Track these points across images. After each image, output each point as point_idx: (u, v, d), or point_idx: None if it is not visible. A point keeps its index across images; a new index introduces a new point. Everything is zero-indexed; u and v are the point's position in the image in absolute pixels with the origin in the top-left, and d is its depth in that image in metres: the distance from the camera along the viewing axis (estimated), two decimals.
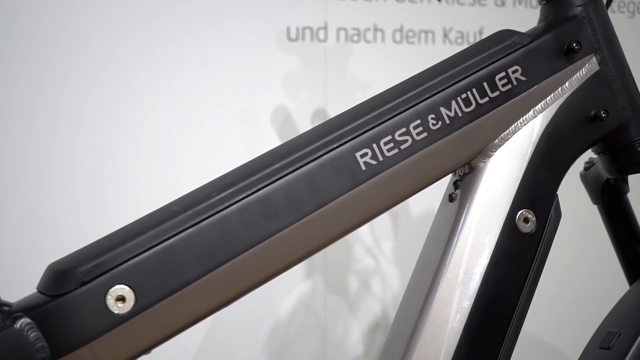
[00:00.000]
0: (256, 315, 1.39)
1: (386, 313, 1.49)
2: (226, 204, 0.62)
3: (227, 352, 1.36)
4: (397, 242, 1.50)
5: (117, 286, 0.58)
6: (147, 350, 0.60)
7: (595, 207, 0.95)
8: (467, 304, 0.70)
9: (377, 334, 1.49)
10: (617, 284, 0.99)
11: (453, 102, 0.70)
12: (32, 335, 0.55)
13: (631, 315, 0.81)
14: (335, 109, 0.70)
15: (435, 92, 0.70)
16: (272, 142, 1.29)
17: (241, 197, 0.63)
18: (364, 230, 1.48)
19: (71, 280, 0.57)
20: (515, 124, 0.73)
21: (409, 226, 1.50)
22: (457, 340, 0.69)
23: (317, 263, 1.43)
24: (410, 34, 1.57)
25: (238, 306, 1.36)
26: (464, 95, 0.71)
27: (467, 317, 0.69)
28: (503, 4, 1.67)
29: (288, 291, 1.42)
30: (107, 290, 0.58)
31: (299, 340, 1.43)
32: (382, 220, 1.50)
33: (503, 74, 0.72)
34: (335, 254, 1.45)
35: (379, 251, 1.49)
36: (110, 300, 0.58)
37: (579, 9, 0.76)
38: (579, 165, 0.91)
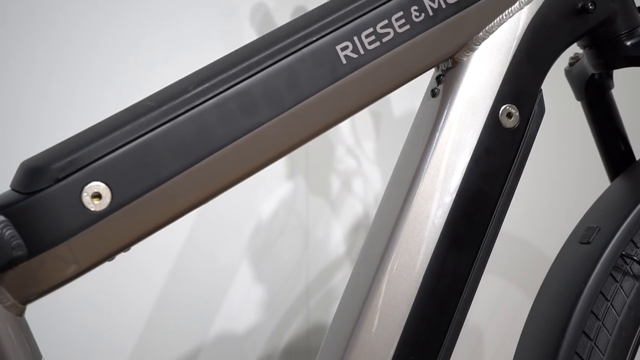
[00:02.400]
0: (238, 216, 1.39)
1: (368, 213, 1.50)
2: (203, 99, 0.60)
3: (208, 253, 1.37)
4: (378, 142, 1.49)
5: (93, 183, 0.57)
6: (125, 247, 0.60)
7: (579, 103, 0.94)
8: (448, 199, 0.69)
9: (358, 234, 1.50)
10: (598, 181, 0.99)
11: None
12: (7, 233, 0.54)
13: (611, 211, 0.81)
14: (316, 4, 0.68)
15: None
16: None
17: (218, 91, 0.61)
18: (345, 130, 1.47)
19: (45, 177, 0.56)
20: (501, 16, 0.72)
21: (391, 126, 1.49)
22: (438, 236, 0.69)
23: (299, 164, 1.43)
24: None
25: (219, 208, 1.37)
26: None
27: (448, 212, 0.69)
28: None
29: (269, 192, 1.41)
30: (83, 187, 0.57)
31: (281, 241, 1.43)
32: (364, 121, 1.49)
33: None
34: (316, 155, 1.44)
35: (360, 152, 1.48)
36: (86, 198, 0.57)
37: None
38: (563, 61, 0.90)
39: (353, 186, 1.49)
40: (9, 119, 1.19)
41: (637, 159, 0.91)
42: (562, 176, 1.71)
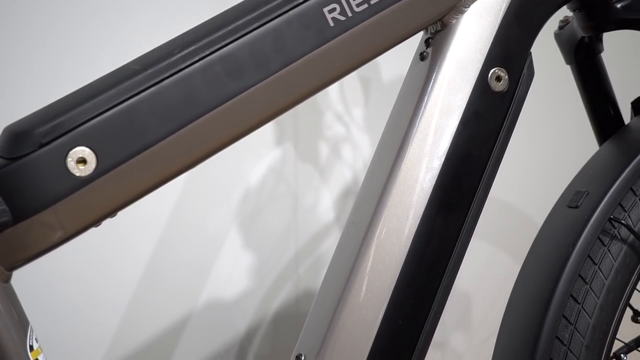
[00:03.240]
0: (226, 183, 1.39)
1: (357, 179, 1.50)
2: (188, 62, 0.60)
3: (197, 220, 1.37)
4: (367, 109, 1.49)
5: (78, 148, 0.57)
6: (112, 212, 0.59)
7: (568, 67, 0.94)
8: (437, 163, 0.69)
9: (347, 200, 1.50)
10: (587, 145, 0.99)
11: None
12: None
13: (600, 175, 0.81)
14: None
15: None
16: None
17: (204, 54, 0.60)
18: (334, 97, 1.46)
19: (29, 142, 0.55)
20: None
21: (380, 92, 1.48)
22: (427, 200, 0.69)
23: (288, 131, 1.42)
24: None
25: (208, 175, 1.36)
26: None
27: (437, 176, 0.69)
28: None
29: (258, 159, 1.41)
30: (67, 152, 0.56)
31: (270, 207, 1.43)
32: (353, 87, 1.48)
33: None
34: (305, 121, 1.43)
35: (349, 118, 1.47)
36: (70, 163, 0.56)
37: None
38: (553, 24, 0.89)
39: (342, 152, 1.48)
40: None
41: (626, 123, 0.91)
42: (551, 140, 1.71)
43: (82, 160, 0.57)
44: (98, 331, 1.33)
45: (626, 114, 0.92)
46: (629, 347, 0.94)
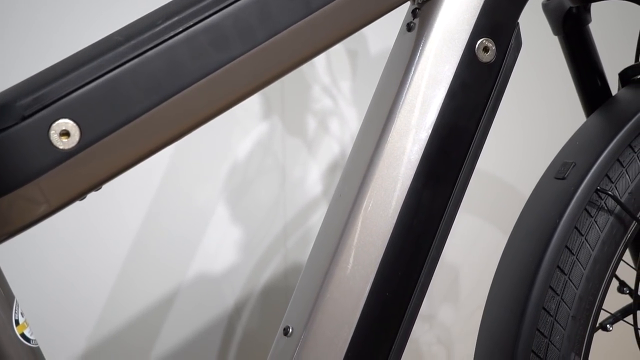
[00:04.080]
0: (214, 157, 1.38)
1: (344, 153, 1.49)
2: (172, 33, 0.59)
3: (185, 193, 1.36)
4: (355, 81, 1.48)
5: (61, 120, 0.56)
6: (96, 186, 0.59)
7: (556, 38, 0.93)
8: (424, 135, 0.69)
9: (335, 174, 1.49)
10: (574, 117, 0.99)
11: None
12: None
13: (587, 146, 0.81)
14: None
15: None
16: None
17: (188, 25, 0.59)
18: (321, 70, 1.45)
19: (11, 115, 0.55)
20: None
21: (368, 65, 1.47)
22: (414, 172, 0.69)
23: (275, 104, 1.41)
24: None
25: (195, 149, 1.35)
26: None
27: (424, 148, 0.69)
28: None
29: (245, 133, 1.40)
30: (50, 125, 0.55)
31: (258, 182, 1.43)
32: (340, 60, 1.47)
33: None
34: (292, 94, 1.42)
35: (337, 91, 1.47)
36: (54, 135, 0.56)
37: None
38: None
39: (329, 126, 1.48)
40: None
41: (613, 94, 0.91)
42: (539, 111, 1.71)
43: (66, 133, 0.56)
44: (85, 306, 1.32)
45: (613, 86, 0.92)
46: (615, 318, 0.95)
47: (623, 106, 0.85)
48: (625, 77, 0.89)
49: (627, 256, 0.95)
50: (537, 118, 1.70)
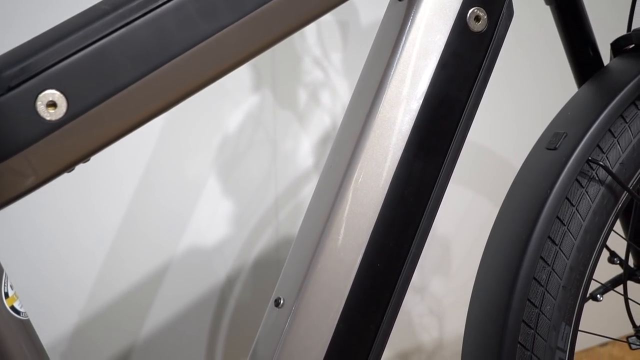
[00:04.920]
0: (205, 129, 1.38)
1: (335, 125, 1.49)
2: (160, 2, 0.58)
3: (176, 166, 1.36)
4: (346, 53, 1.47)
5: (47, 91, 0.55)
6: (84, 157, 0.58)
7: (547, 8, 0.92)
8: (415, 105, 0.68)
9: (326, 146, 1.49)
10: (566, 87, 0.98)
11: None
12: None
13: (578, 116, 0.81)
14: None
15: None
16: None
17: None
18: (312, 41, 1.44)
19: None
20: None
21: (359, 36, 1.46)
22: (405, 143, 0.68)
23: (265, 77, 1.40)
24: None
25: (186, 121, 1.35)
26: None
27: (415, 119, 0.68)
28: None
29: (236, 106, 1.39)
30: (37, 96, 0.55)
31: (249, 154, 1.42)
32: (331, 31, 1.45)
33: None
34: (283, 67, 1.41)
35: (328, 63, 1.46)
36: (40, 106, 0.55)
37: None
38: None
39: (321, 98, 1.47)
40: None
41: (605, 65, 0.90)
42: (531, 82, 1.70)
43: (52, 104, 0.55)
44: (77, 279, 1.32)
45: (605, 56, 0.92)
46: (605, 288, 0.96)
47: (615, 76, 0.84)
48: (617, 47, 0.89)
49: (618, 227, 0.95)
50: (528, 89, 1.70)
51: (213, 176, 1.40)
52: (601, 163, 0.77)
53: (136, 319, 1.40)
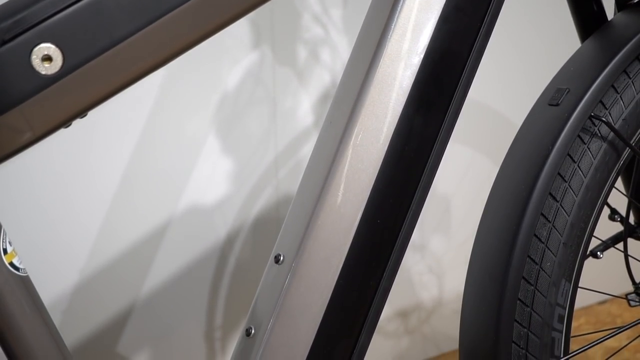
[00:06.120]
0: (204, 87, 1.36)
1: (335, 83, 1.48)
2: None
3: (175, 124, 1.35)
4: (346, 9, 1.45)
5: (42, 45, 0.54)
6: (81, 112, 0.58)
7: None
8: (416, 60, 0.67)
9: (326, 104, 1.48)
10: (569, 42, 0.97)
11: None
12: None
13: (581, 72, 0.80)
14: None
15: None
16: None
17: None
18: None
19: None
20: None
21: None
22: (406, 98, 0.68)
23: (264, 34, 1.39)
24: None
25: (184, 79, 1.33)
26: None
27: (416, 73, 0.67)
28: None
29: (235, 63, 1.38)
30: (32, 49, 0.54)
31: (249, 112, 1.41)
32: None
33: None
34: (282, 24, 1.40)
35: (327, 19, 1.44)
36: (35, 60, 0.54)
37: None
38: None
39: (320, 55, 1.46)
40: None
41: (609, 19, 0.89)
42: (533, 37, 1.68)
43: (48, 58, 0.55)
44: (77, 237, 1.32)
45: (609, 10, 0.90)
46: (606, 245, 0.96)
47: (619, 31, 0.83)
48: (621, 1, 0.88)
49: (619, 183, 0.95)
50: (531, 44, 1.68)
51: (212, 134, 1.39)
52: (604, 119, 0.77)
53: (137, 277, 1.40)
